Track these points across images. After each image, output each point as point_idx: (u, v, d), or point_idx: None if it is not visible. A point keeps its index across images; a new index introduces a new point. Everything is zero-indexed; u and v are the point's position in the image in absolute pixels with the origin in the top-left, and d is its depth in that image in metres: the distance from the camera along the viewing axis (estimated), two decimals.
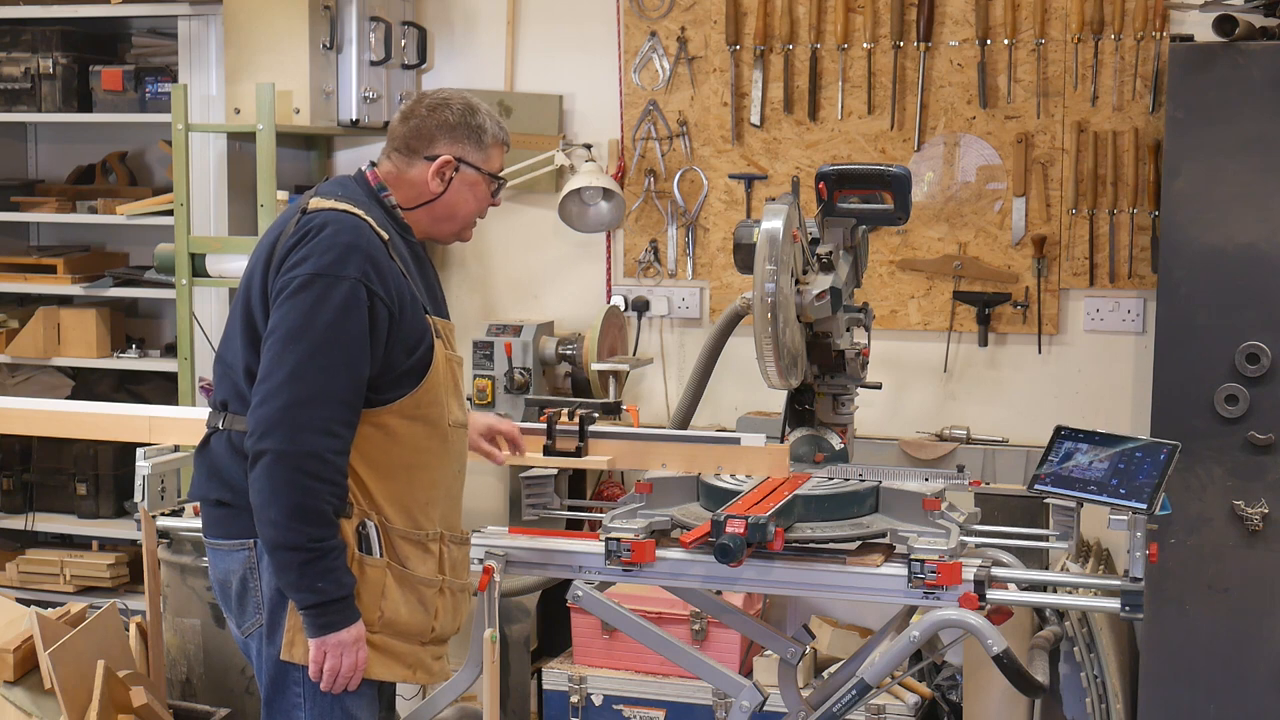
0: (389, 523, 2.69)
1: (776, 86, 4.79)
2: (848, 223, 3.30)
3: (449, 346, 2.78)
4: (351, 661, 2.63)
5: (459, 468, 2.84)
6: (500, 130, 2.85)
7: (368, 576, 2.66)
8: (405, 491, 2.71)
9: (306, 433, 2.55)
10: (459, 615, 2.85)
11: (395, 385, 2.67)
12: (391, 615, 2.69)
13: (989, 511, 3.77)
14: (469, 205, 2.83)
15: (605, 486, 4.76)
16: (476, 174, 2.81)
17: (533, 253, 5.16)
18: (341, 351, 2.58)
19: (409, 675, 2.76)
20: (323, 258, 2.60)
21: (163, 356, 5.34)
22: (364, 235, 2.64)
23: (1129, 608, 2.78)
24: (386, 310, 2.63)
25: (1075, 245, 4.57)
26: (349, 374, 2.59)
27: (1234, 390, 3.94)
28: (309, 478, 2.55)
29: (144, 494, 3.34)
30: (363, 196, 2.77)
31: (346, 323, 2.58)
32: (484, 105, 2.86)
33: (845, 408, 3.31)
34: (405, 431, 2.69)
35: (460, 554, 2.85)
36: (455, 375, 2.78)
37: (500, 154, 2.86)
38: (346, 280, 2.59)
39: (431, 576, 2.75)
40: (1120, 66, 4.48)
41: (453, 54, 5.19)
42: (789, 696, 3.20)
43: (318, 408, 2.56)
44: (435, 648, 2.81)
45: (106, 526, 5.35)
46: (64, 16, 5.24)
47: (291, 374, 2.57)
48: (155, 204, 5.08)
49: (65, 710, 3.56)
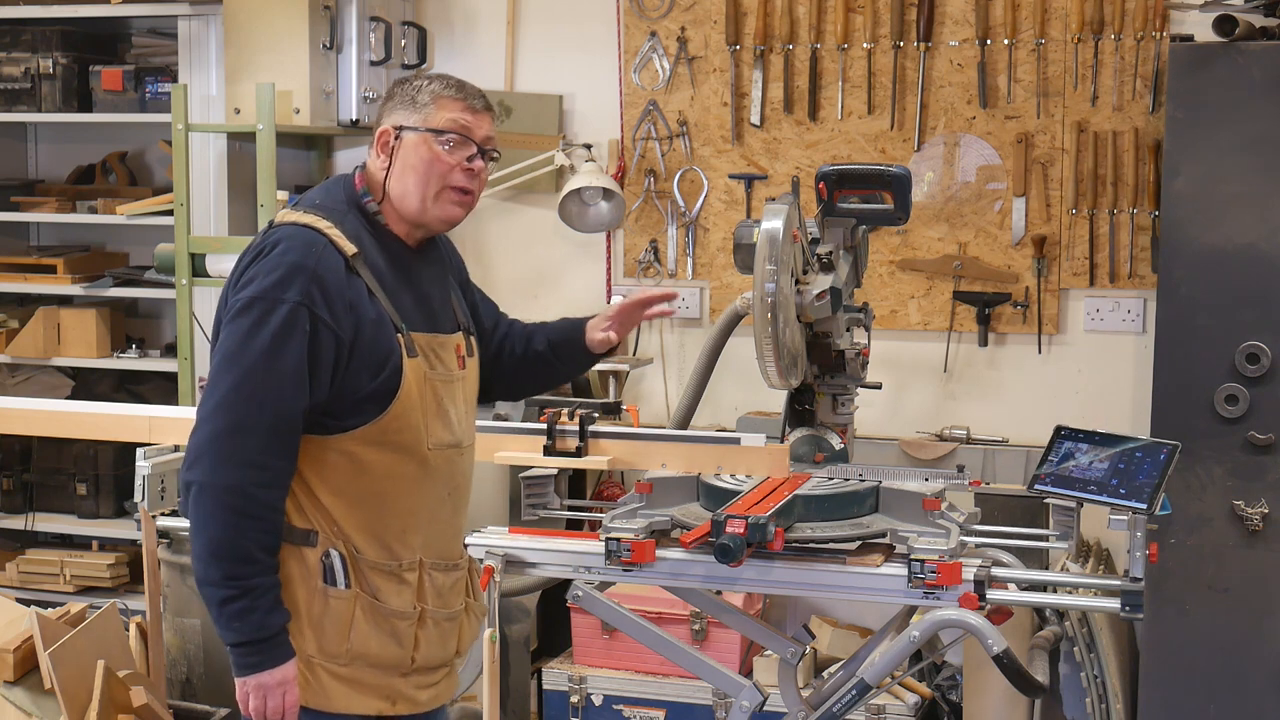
0: (359, 553, 2.59)
1: (776, 86, 4.79)
2: (848, 223, 3.29)
3: (435, 365, 2.64)
4: (277, 704, 2.52)
5: (447, 491, 2.70)
6: (448, 87, 2.64)
7: (332, 609, 2.57)
8: (376, 520, 2.59)
9: (230, 465, 2.44)
10: (449, 642, 2.74)
11: (356, 411, 2.54)
12: (360, 648, 2.59)
13: (989, 511, 3.76)
14: (419, 171, 2.61)
15: (605, 486, 4.76)
16: (416, 135, 2.61)
17: (533, 253, 5.16)
18: (274, 379, 2.45)
19: (385, 708, 2.64)
20: (266, 279, 2.47)
21: (163, 356, 5.34)
22: (314, 253, 2.50)
23: (1129, 608, 2.77)
24: (332, 335, 2.48)
25: (1075, 245, 4.57)
26: (280, 404, 2.45)
27: (1234, 390, 3.94)
28: (230, 512, 2.44)
29: (144, 494, 3.34)
30: (341, 203, 2.63)
31: (282, 349, 2.44)
32: (445, 75, 2.69)
33: (845, 408, 3.31)
34: (373, 459, 2.56)
35: (448, 580, 2.72)
36: (438, 395, 2.63)
37: (452, 108, 2.62)
38: (286, 304, 2.45)
39: (406, 608, 2.63)
40: (1120, 66, 4.48)
41: (453, 54, 5.19)
42: (789, 696, 3.20)
43: (244, 438, 2.44)
44: (420, 677, 2.69)
45: (106, 526, 5.35)
46: (64, 16, 5.24)
47: (221, 402, 2.46)
48: (155, 204, 5.09)
49: (65, 710, 3.56)
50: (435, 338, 2.67)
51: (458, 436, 2.70)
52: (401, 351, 2.58)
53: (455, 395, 2.70)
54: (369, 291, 2.56)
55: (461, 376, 2.73)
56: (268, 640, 2.50)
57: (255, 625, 2.48)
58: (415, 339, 2.62)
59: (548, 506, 3.31)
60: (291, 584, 2.57)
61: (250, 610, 2.47)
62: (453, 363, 2.70)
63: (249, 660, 2.51)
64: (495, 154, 2.72)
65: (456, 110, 2.64)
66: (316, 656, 2.58)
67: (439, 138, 2.62)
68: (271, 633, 2.51)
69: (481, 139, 2.67)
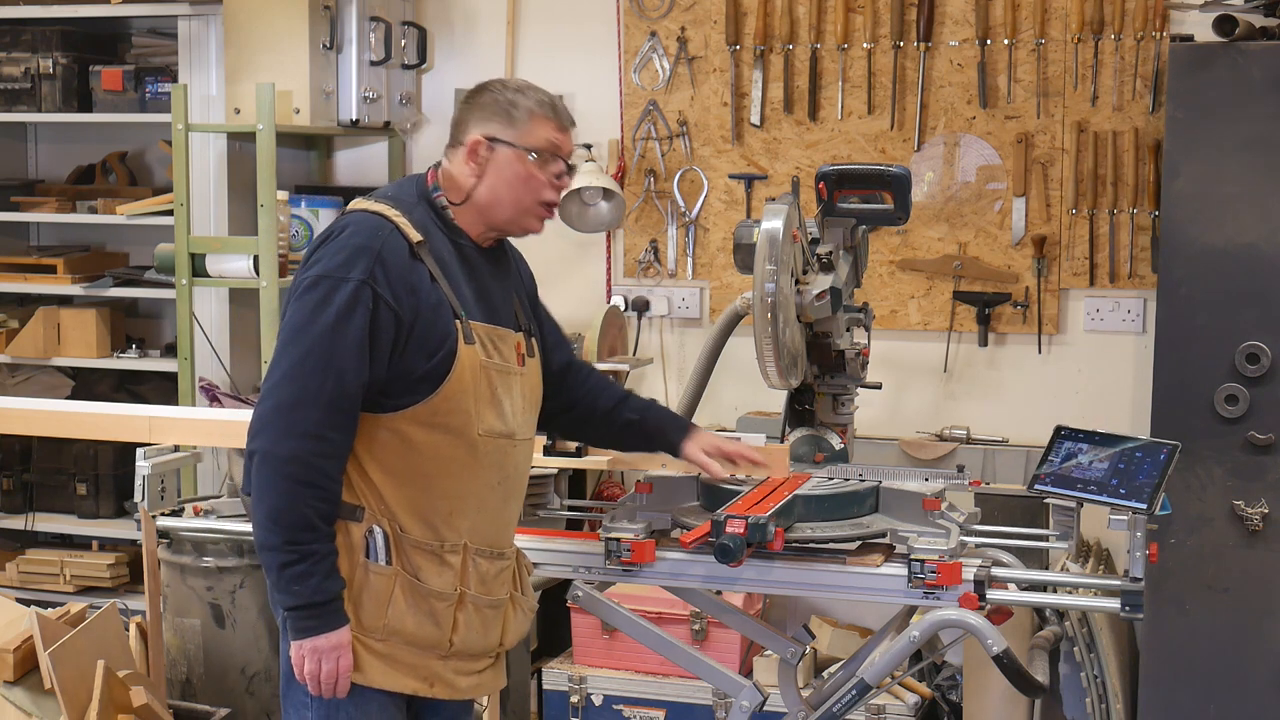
0: (403, 531, 2.64)
1: (776, 86, 4.79)
2: (848, 223, 3.30)
3: (492, 354, 2.69)
4: (331, 668, 2.58)
5: (498, 480, 2.73)
6: (543, 105, 2.72)
7: (371, 584, 2.63)
8: (423, 500, 2.65)
9: (292, 436, 2.53)
10: (491, 631, 2.76)
11: (410, 391, 2.62)
12: (397, 625, 2.64)
13: (989, 511, 3.76)
14: (515, 189, 2.72)
15: (605, 486, 4.76)
16: (512, 150, 2.69)
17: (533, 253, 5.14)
18: (336, 355, 2.54)
19: (422, 688, 2.69)
20: (333, 259, 2.58)
21: (163, 356, 5.33)
22: (380, 236, 2.60)
23: (1129, 608, 2.77)
24: (392, 314, 2.57)
25: (1075, 245, 4.57)
26: (342, 378, 2.54)
27: (1234, 390, 3.94)
28: (290, 481, 2.53)
29: (144, 494, 3.34)
30: (413, 196, 2.72)
31: (345, 325, 2.54)
32: (530, 85, 2.76)
33: (845, 408, 3.31)
34: (423, 439, 2.63)
35: (493, 569, 2.74)
36: (492, 383, 2.69)
37: (546, 127, 2.71)
38: (350, 282, 2.55)
39: (445, 589, 2.67)
40: (1120, 66, 4.48)
41: (453, 54, 5.19)
42: (789, 696, 3.20)
43: (305, 410, 2.53)
44: (460, 663, 2.72)
45: (106, 526, 5.35)
46: (64, 16, 5.24)
47: (285, 375, 2.56)
48: (155, 204, 5.08)
49: (65, 710, 3.56)
50: (495, 330, 2.73)
51: (511, 427, 2.74)
52: (458, 336, 2.65)
53: (511, 387, 2.74)
54: (431, 277, 2.64)
55: (520, 372, 2.77)
56: (324, 605, 2.57)
57: (313, 589, 2.55)
58: (474, 328, 2.68)
59: (548, 506, 3.31)
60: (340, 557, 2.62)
61: (308, 575, 2.55)
62: (512, 357, 2.76)
63: (306, 624, 2.58)
64: (575, 166, 2.86)
65: (551, 130, 2.73)
66: (354, 629, 2.63)
67: (540, 157, 2.72)
68: (328, 598, 2.57)
69: (568, 154, 2.78)
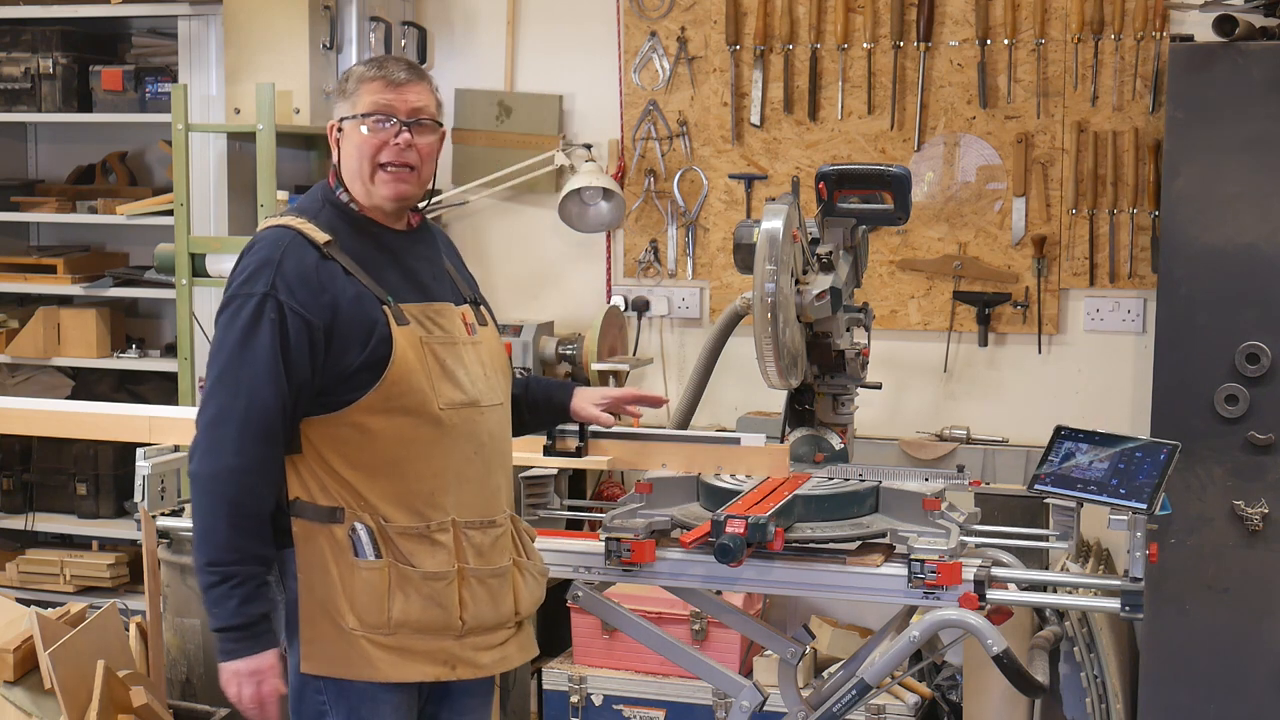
0: (387, 521, 2.64)
1: (776, 86, 4.79)
2: (848, 223, 3.30)
3: (432, 329, 2.68)
4: (251, 693, 2.58)
5: (473, 449, 2.72)
6: (369, 68, 2.69)
7: (365, 581, 2.62)
8: (400, 486, 2.65)
9: (213, 455, 2.56)
10: (501, 602, 2.73)
11: (353, 384, 2.61)
12: (401, 616, 2.63)
13: (989, 511, 3.76)
14: (352, 159, 2.68)
15: (605, 486, 4.76)
16: (350, 123, 2.68)
17: (533, 253, 5.16)
18: (246, 368, 2.55)
19: (444, 672, 2.68)
20: (239, 278, 2.62)
21: (163, 356, 5.34)
22: (280, 246, 2.61)
23: (1129, 608, 2.77)
24: (301, 319, 2.57)
25: (1075, 245, 4.57)
26: (254, 394, 2.55)
27: (1234, 390, 3.94)
28: (212, 499, 2.55)
29: (144, 494, 3.34)
30: (317, 201, 2.74)
31: (253, 341, 2.56)
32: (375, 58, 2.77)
33: (845, 408, 3.31)
34: (384, 426, 2.62)
35: (487, 539, 2.72)
36: (439, 357, 2.68)
37: (371, 90, 2.67)
38: (254, 297, 2.57)
39: (443, 569, 2.66)
40: (1120, 66, 4.48)
41: (453, 54, 5.19)
42: (789, 696, 3.20)
43: (224, 428, 2.55)
44: (477, 639, 2.70)
45: (106, 526, 5.35)
46: (64, 16, 5.24)
47: (206, 395, 2.61)
48: (155, 204, 5.09)
49: (65, 710, 3.56)
50: (430, 306, 2.72)
51: (473, 395, 2.72)
52: (389, 321, 2.64)
53: (462, 357, 2.73)
54: (346, 272, 2.64)
55: (472, 341, 2.77)
56: (243, 629, 2.57)
57: (230, 612, 2.55)
58: (406, 309, 2.67)
59: (548, 506, 3.31)
60: (326, 562, 2.63)
61: (227, 598, 2.55)
62: (455, 329, 2.75)
63: (226, 647, 2.58)
64: (430, 121, 2.72)
65: (377, 90, 2.68)
66: (358, 629, 2.62)
67: (364, 121, 2.68)
68: (247, 621, 2.56)
69: (408, 111, 2.69)
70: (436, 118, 2.75)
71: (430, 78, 2.78)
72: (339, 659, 2.63)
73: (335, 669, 2.64)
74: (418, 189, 2.74)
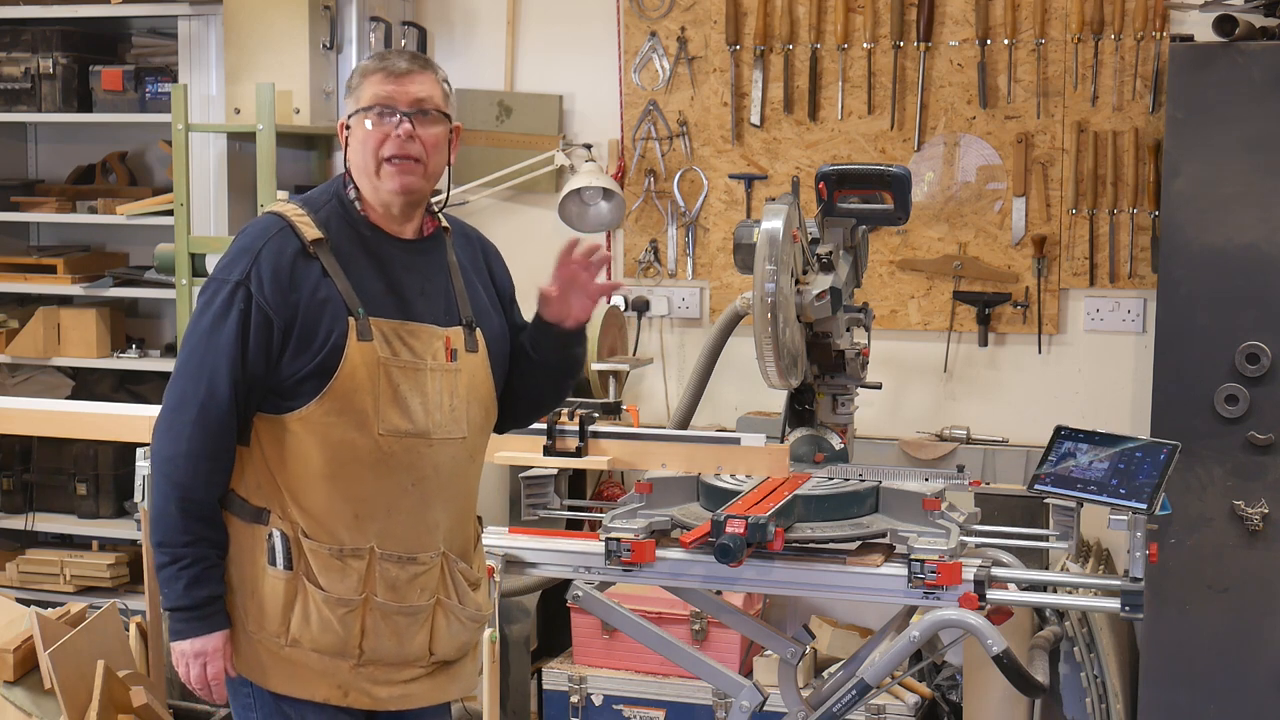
0: (305, 535, 2.58)
1: (776, 86, 4.79)
2: (848, 223, 3.30)
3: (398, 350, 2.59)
4: (197, 674, 2.59)
5: (411, 482, 2.61)
6: (372, 61, 2.65)
7: (272, 588, 2.59)
8: (324, 505, 2.58)
9: (168, 438, 2.57)
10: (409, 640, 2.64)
11: (299, 390, 2.56)
12: (297, 632, 2.58)
13: (989, 511, 3.76)
14: (358, 154, 2.62)
15: (605, 486, 4.76)
16: (355, 119, 2.62)
17: (533, 253, 5.14)
18: (209, 355, 2.54)
19: (335, 695, 2.61)
20: (222, 262, 2.60)
21: (163, 356, 5.33)
22: (265, 236, 2.57)
23: (1129, 608, 2.77)
24: (264, 314, 2.53)
25: (1075, 245, 4.57)
26: (214, 380, 2.54)
27: (1234, 390, 3.94)
28: (166, 482, 2.56)
29: (144, 494, 3.34)
30: (328, 193, 2.68)
31: (220, 327, 2.54)
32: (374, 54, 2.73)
33: (845, 408, 3.31)
34: (322, 440, 2.56)
35: (404, 574, 2.62)
36: (393, 381, 2.57)
37: (373, 83, 2.61)
38: (229, 284, 2.55)
39: (347, 596, 2.58)
40: (1120, 66, 4.48)
41: (453, 54, 5.19)
42: (789, 696, 3.20)
43: (184, 413, 2.56)
44: (375, 671, 2.62)
45: (106, 526, 5.34)
46: (64, 16, 5.24)
47: (175, 375, 2.61)
48: (155, 204, 5.08)
49: (65, 710, 3.56)
50: (405, 325, 2.62)
51: (422, 427, 2.61)
52: (349, 333, 2.56)
53: (423, 385, 2.62)
54: (324, 273, 2.57)
55: (447, 368, 2.66)
56: (191, 610, 2.58)
57: (178, 594, 2.57)
58: (376, 324, 2.58)
59: (548, 506, 3.31)
60: (242, 559, 2.61)
61: (175, 579, 2.56)
62: (429, 352, 2.64)
63: (176, 627, 2.60)
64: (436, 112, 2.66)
65: (377, 83, 2.62)
66: (257, 633, 2.61)
67: (366, 114, 2.62)
68: (194, 603, 2.57)
69: (409, 102, 2.62)
70: (442, 108, 2.67)
71: (438, 68, 2.70)
72: (251, 660, 2.63)
73: (248, 669, 2.63)
74: (425, 181, 2.65)
